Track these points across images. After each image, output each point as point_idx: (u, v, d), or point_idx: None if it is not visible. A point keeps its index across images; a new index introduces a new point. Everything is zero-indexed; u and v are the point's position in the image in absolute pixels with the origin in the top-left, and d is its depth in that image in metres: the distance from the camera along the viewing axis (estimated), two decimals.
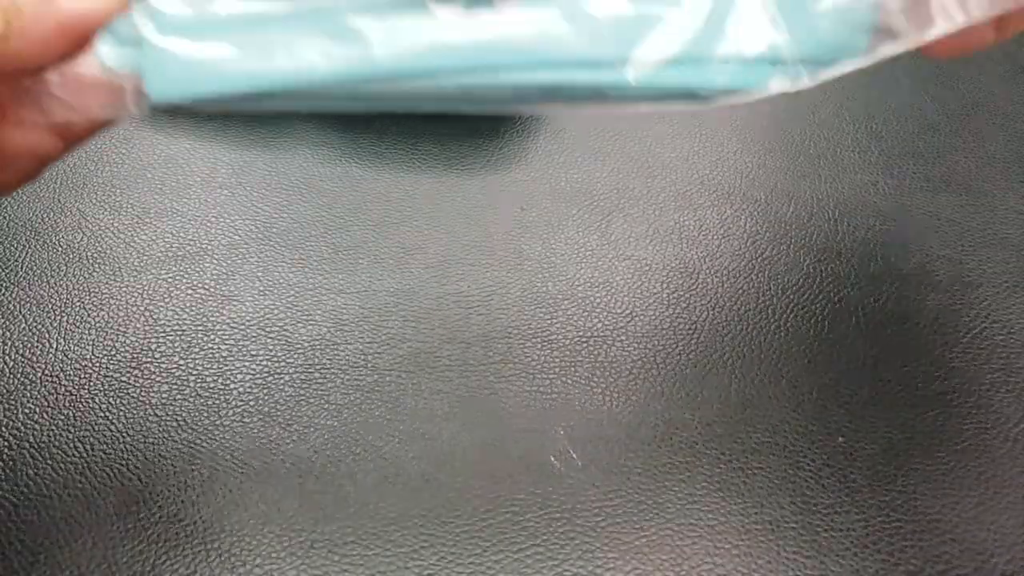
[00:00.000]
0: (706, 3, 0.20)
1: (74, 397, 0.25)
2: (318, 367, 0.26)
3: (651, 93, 0.20)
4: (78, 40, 0.18)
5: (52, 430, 0.25)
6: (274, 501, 0.23)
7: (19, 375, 0.26)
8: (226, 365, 0.26)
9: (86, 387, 0.26)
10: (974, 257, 0.30)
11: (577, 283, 0.29)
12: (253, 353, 0.27)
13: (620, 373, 0.26)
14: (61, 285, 0.28)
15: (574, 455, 0.24)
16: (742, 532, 0.23)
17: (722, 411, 0.25)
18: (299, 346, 0.27)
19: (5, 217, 0.30)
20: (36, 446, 0.24)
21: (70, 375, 0.26)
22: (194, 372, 0.26)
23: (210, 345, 0.27)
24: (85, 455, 0.24)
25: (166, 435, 0.25)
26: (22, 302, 0.27)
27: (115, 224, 0.30)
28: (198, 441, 0.24)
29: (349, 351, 0.27)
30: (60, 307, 0.27)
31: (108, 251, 0.29)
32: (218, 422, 0.25)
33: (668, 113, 0.35)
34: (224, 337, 0.27)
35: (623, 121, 0.35)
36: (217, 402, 0.25)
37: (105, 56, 0.18)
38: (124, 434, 0.25)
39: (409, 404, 0.25)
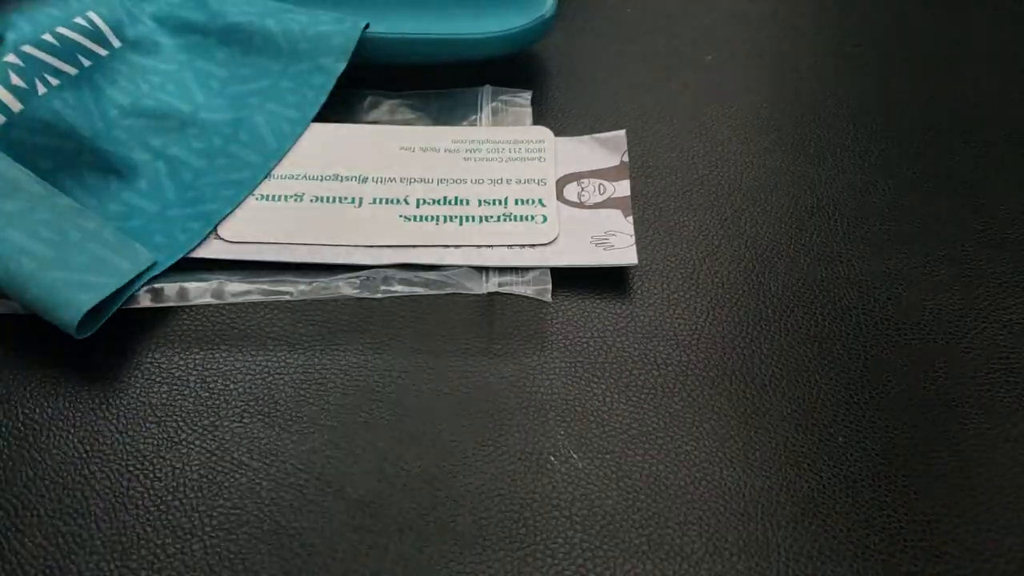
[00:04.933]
0: None
1: (74, 397, 0.25)
2: (318, 367, 0.26)
3: None
4: None
5: (52, 430, 0.25)
6: (273, 502, 0.23)
7: (19, 375, 0.26)
8: (226, 365, 0.26)
9: (86, 387, 0.26)
10: (974, 257, 0.30)
11: (577, 284, 0.29)
12: (253, 353, 0.27)
13: (620, 373, 0.26)
14: None
15: (574, 455, 0.24)
16: (741, 532, 0.23)
17: (721, 411, 0.26)
18: (299, 346, 0.27)
19: None
20: (36, 446, 0.24)
21: (70, 375, 0.26)
22: (194, 372, 0.26)
23: (210, 345, 0.27)
24: (85, 455, 0.24)
25: (166, 435, 0.25)
26: None
27: None
28: (198, 441, 0.24)
29: (349, 351, 0.27)
30: None
31: None
32: (218, 422, 0.25)
33: (668, 113, 0.35)
34: (224, 337, 0.27)
35: (623, 121, 0.35)
36: (217, 402, 0.25)
37: None
38: (124, 434, 0.25)
39: (410, 405, 0.25)
